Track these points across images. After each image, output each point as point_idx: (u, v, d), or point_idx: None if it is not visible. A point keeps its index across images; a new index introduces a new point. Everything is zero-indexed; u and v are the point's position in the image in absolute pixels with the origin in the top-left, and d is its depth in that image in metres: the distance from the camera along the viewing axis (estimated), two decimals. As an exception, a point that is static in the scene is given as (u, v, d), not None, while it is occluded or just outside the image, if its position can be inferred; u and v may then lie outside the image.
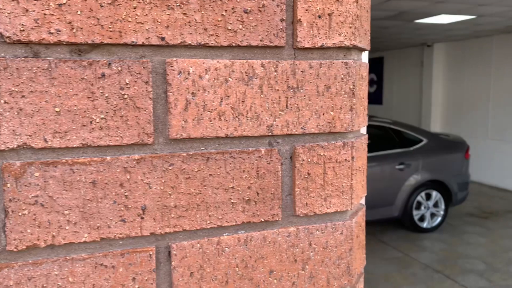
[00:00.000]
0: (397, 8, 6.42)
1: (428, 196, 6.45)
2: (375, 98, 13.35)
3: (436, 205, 6.50)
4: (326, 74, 0.59)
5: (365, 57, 0.78)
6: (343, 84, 0.60)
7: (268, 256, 0.59)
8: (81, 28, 0.49)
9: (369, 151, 6.32)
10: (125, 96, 0.51)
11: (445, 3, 6.03)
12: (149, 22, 0.51)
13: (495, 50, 9.26)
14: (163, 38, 0.52)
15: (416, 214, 6.38)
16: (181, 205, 0.54)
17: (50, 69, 0.48)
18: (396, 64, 12.34)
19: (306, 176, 0.60)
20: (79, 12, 0.48)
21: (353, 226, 0.63)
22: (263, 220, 0.58)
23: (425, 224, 6.46)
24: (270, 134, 0.57)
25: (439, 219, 6.54)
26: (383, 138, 6.57)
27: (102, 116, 0.50)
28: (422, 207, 6.42)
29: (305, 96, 0.58)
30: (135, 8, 0.50)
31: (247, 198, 0.57)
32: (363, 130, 0.79)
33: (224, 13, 0.54)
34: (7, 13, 0.46)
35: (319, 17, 0.58)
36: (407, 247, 5.94)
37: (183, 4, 0.52)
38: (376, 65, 13.19)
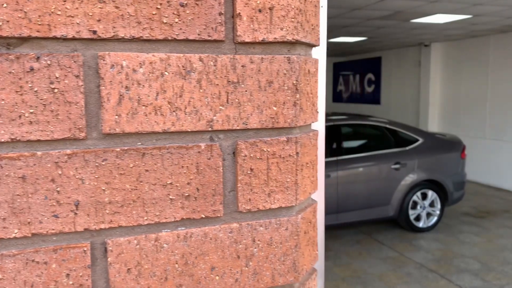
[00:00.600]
0: (392, 7, 6.41)
1: (424, 196, 6.44)
2: (373, 98, 13.34)
3: (432, 204, 6.49)
4: (268, 69, 0.58)
5: (321, 53, 0.77)
6: (286, 79, 0.59)
7: (210, 253, 0.58)
8: (8, 21, 0.48)
9: (365, 150, 6.32)
10: (55, 90, 0.50)
11: (440, 2, 6.02)
12: (80, 16, 0.50)
13: (492, 50, 9.24)
14: (94, 32, 0.51)
15: (412, 214, 6.37)
16: (116, 201, 0.54)
17: (-25, 62, 0.47)
18: (394, 64, 12.33)
19: (249, 172, 0.59)
20: (5, 5, 0.48)
21: (299, 222, 0.62)
22: (204, 216, 0.58)
23: (421, 224, 6.46)
24: (210, 129, 0.57)
25: (435, 218, 6.53)
26: (379, 138, 6.57)
27: (31, 110, 0.50)
28: (418, 207, 6.41)
29: (246, 91, 0.58)
30: (64, 1, 0.50)
31: (187, 194, 0.57)
32: (318, 126, 0.79)
33: (159, 6, 0.53)
34: None
35: (260, 11, 0.57)
36: (403, 246, 5.93)
37: (116, -3, 0.51)
38: (374, 65, 13.18)
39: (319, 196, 0.82)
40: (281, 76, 0.59)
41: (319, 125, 0.81)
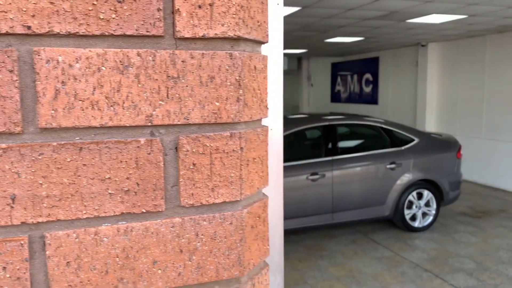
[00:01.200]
0: (387, 7, 6.41)
1: (420, 196, 6.44)
2: (370, 98, 13.34)
3: (427, 204, 6.49)
4: (210, 64, 0.59)
5: (277, 50, 0.78)
6: (228, 75, 0.60)
7: (151, 247, 0.59)
8: None
9: (360, 150, 6.32)
10: (-11, 85, 0.51)
11: (435, 2, 6.02)
12: (14, 11, 0.51)
13: (488, 50, 9.24)
14: (29, 27, 0.52)
15: (407, 214, 6.37)
16: (54, 194, 0.54)
17: None
18: (391, 64, 12.33)
19: (191, 167, 0.60)
20: None
21: (244, 216, 0.63)
22: (144, 211, 0.58)
23: (416, 224, 6.45)
24: (150, 124, 0.57)
25: (430, 218, 6.53)
26: (375, 138, 6.58)
27: (-35, 105, 0.50)
28: (414, 207, 6.41)
29: (187, 86, 0.58)
30: (-3, -3, 0.50)
31: (126, 189, 0.57)
32: (276, 123, 0.79)
33: (95, 2, 0.54)
34: None
35: (200, 7, 0.57)
36: (398, 246, 5.93)
37: (51, -7, 0.52)
38: (371, 65, 13.18)
39: (277, 192, 0.83)
40: (223, 71, 0.60)
41: (277, 122, 0.82)
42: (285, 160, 5.91)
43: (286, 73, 18.04)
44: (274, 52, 0.77)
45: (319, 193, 5.81)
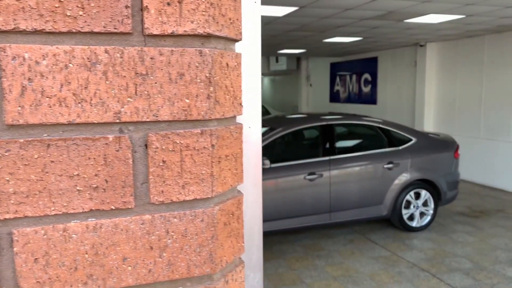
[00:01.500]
0: (385, 7, 6.41)
1: (418, 195, 6.44)
2: (369, 98, 13.34)
3: (425, 204, 6.49)
4: (179, 61, 0.59)
5: (253, 48, 0.78)
6: (198, 72, 0.60)
7: (121, 243, 0.59)
8: None
9: (358, 150, 6.32)
10: (-46, 81, 0.51)
11: (432, 2, 6.02)
12: (-22, 8, 0.51)
13: (487, 50, 9.25)
14: (-6, 24, 0.52)
15: (405, 213, 6.37)
16: (21, 191, 0.54)
17: None
18: (390, 64, 12.33)
19: (161, 164, 0.60)
20: None
21: (215, 213, 0.63)
22: (114, 208, 0.59)
23: (414, 223, 6.45)
24: (118, 121, 0.57)
25: (428, 218, 6.53)
26: (372, 138, 6.58)
27: None
28: (412, 206, 6.41)
29: (156, 83, 0.58)
30: (-38, -7, 0.50)
31: (95, 186, 0.57)
32: (254, 121, 0.79)
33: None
34: None
35: (168, 4, 0.58)
36: (396, 246, 5.93)
37: (16, -10, 0.52)
38: (370, 65, 13.18)
39: (256, 190, 0.83)
40: (193, 68, 0.60)
41: (256, 121, 0.82)
42: (283, 160, 5.91)
43: (285, 73, 18.04)
44: (251, 50, 0.77)
45: (317, 192, 5.81)
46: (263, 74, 19.15)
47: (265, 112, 14.74)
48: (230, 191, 0.68)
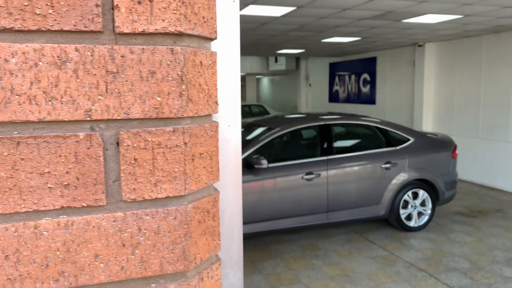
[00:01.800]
0: (382, 7, 6.41)
1: (415, 195, 6.44)
2: (368, 98, 13.34)
3: (423, 204, 6.48)
4: (150, 59, 0.59)
5: (231, 47, 0.78)
6: (170, 70, 0.60)
7: (93, 241, 0.59)
8: None
9: (355, 150, 6.32)
10: None
11: (429, 2, 6.02)
12: None
13: (485, 50, 9.25)
14: (-37, 23, 0.52)
15: (403, 213, 6.37)
16: (-9, 188, 0.55)
17: None
18: (389, 64, 12.34)
19: (132, 162, 0.60)
20: None
21: (189, 211, 0.63)
22: (85, 205, 0.59)
23: (412, 223, 6.45)
24: (89, 119, 0.58)
25: (426, 218, 6.52)
26: (370, 137, 6.58)
27: None
28: (409, 206, 6.40)
29: (127, 81, 0.59)
30: None
31: (66, 183, 0.58)
32: (234, 119, 0.80)
33: (31, -2, 0.54)
34: None
35: (139, 2, 0.58)
36: (393, 246, 5.93)
37: (-16, -11, 0.52)
38: (369, 65, 13.18)
39: (235, 188, 0.83)
40: (164, 66, 0.60)
41: (235, 119, 0.82)
42: (281, 160, 5.92)
43: (284, 73, 18.05)
44: (230, 49, 0.77)
45: (314, 192, 5.81)
46: (262, 74, 19.15)
47: (264, 112, 14.75)
48: (205, 189, 0.68)
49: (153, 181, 0.61)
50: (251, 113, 14.54)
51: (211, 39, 0.68)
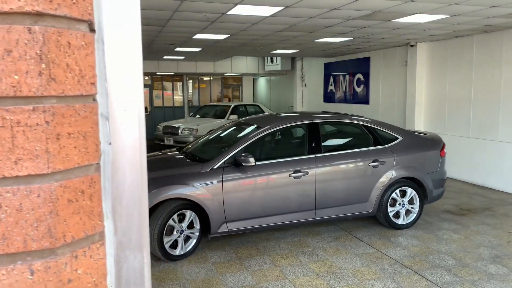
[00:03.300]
0: (369, 7, 6.42)
1: (404, 193, 6.44)
2: (362, 98, 13.35)
3: (411, 202, 6.49)
4: (6, 38, 0.60)
5: (128, 34, 0.79)
6: (28, 49, 0.61)
7: (-50, 217, 0.60)
8: None
9: (343, 148, 6.33)
10: None
11: (415, 2, 6.02)
12: None
13: (475, 50, 9.26)
14: None
15: (391, 211, 6.37)
16: None
17: None
18: (382, 64, 12.35)
19: (-6, 139, 0.61)
20: None
21: (54, 189, 0.64)
22: None
23: (400, 221, 6.45)
24: None
25: (414, 216, 6.53)
26: (358, 136, 6.58)
27: None
28: (397, 204, 6.41)
29: (-19, 59, 0.60)
30: None
31: None
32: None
33: None
34: None
35: (-7, -18, 0.59)
36: (380, 243, 5.94)
37: None
38: (363, 65, 13.19)
39: (134, 172, 0.84)
40: (21, 45, 0.61)
41: (132, 103, 0.83)
42: (269, 158, 5.93)
43: (280, 73, 18.07)
44: (125, 36, 0.78)
45: (302, 190, 5.82)
46: (258, 74, 19.19)
47: (259, 112, 14.77)
48: (79, 169, 0.69)
49: (13, 159, 0.62)
50: (247, 113, 14.57)
51: (85, 21, 0.69)
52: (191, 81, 20.73)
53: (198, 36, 9.19)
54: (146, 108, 19.38)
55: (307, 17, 7.23)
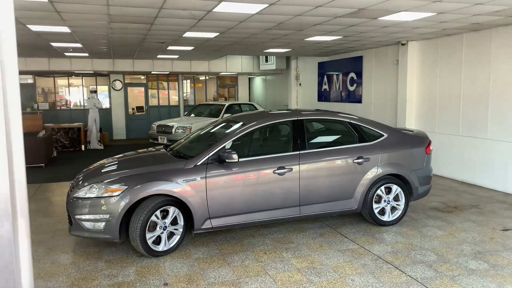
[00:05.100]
0: (354, 4, 6.46)
1: (389, 190, 6.47)
2: (355, 96, 13.39)
3: (396, 198, 6.51)
4: None
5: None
6: None
7: None
8: None
9: (328, 145, 6.37)
10: None
11: (399, -2, 6.07)
12: None
13: (465, 48, 9.30)
14: None
15: (376, 208, 6.40)
16: None
17: None
18: (374, 63, 12.39)
19: None
20: None
21: None
22: None
23: (385, 218, 6.48)
24: None
25: (399, 212, 6.55)
26: (344, 133, 6.62)
27: None
28: (382, 201, 6.43)
29: None
30: None
31: None
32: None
33: None
34: None
35: None
36: (364, 239, 5.97)
37: None
38: (356, 64, 13.23)
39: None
40: None
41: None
42: (253, 155, 5.97)
43: (275, 72, 18.11)
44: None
45: (286, 186, 5.85)
46: (253, 74, 19.23)
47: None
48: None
49: None
50: (241, 112, 14.60)
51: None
52: (187, 81, 20.78)
53: (188, 34, 9.23)
54: (142, 107, 19.40)
55: (293, 15, 7.28)
